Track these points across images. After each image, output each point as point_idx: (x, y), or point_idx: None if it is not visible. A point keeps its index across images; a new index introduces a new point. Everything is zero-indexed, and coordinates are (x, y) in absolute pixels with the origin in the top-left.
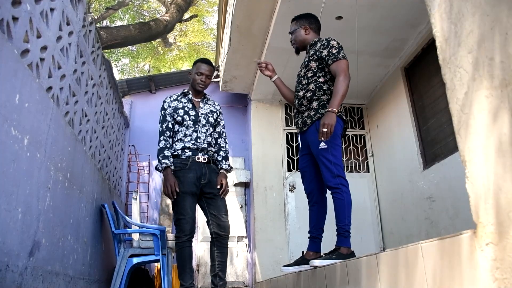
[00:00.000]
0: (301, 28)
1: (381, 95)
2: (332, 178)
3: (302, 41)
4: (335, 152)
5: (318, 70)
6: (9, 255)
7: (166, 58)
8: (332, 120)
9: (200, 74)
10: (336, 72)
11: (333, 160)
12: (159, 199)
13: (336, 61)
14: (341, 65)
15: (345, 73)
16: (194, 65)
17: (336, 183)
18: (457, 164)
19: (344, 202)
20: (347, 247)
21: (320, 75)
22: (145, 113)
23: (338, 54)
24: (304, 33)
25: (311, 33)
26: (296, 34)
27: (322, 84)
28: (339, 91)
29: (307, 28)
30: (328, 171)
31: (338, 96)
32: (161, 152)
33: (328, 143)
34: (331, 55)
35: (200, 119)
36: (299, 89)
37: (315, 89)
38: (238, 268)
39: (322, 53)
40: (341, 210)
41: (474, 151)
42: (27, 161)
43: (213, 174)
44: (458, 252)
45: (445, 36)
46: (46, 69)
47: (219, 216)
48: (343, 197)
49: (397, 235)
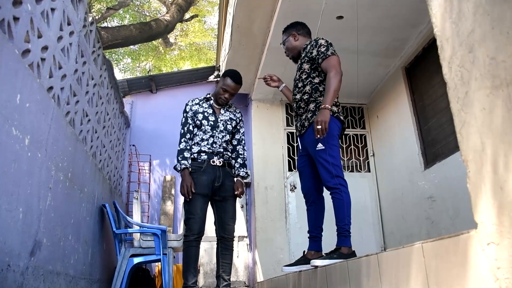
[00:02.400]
0: (290, 37)
1: (381, 95)
2: (331, 179)
3: (293, 48)
4: (333, 152)
5: (311, 71)
6: (10, 255)
7: (167, 58)
8: (324, 117)
9: (225, 90)
10: (327, 69)
11: (331, 160)
12: (160, 199)
13: (325, 58)
14: (331, 61)
15: (336, 69)
16: (224, 77)
17: (335, 183)
18: (458, 163)
19: (343, 202)
20: (348, 247)
21: (315, 76)
22: (146, 113)
23: (327, 52)
24: (293, 40)
25: (300, 39)
26: (287, 44)
27: (318, 85)
28: (330, 87)
29: (295, 35)
30: (326, 171)
31: (330, 92)
32: (180, 153)
33: (325, 144)
34: (320, 53)
35: (218, 125)
36: (296, 92)
37: (312, 91)
38: (239, 268)
39: (312, 53)
40: (340, 210)
41: (475, 151)
42: (28, 161)
43: (227, 178)
44: (459, 252)
45: (446, 36)
46: (47, 69)
47: (226, 219)
48: (342, 197)
49: (397, 234)
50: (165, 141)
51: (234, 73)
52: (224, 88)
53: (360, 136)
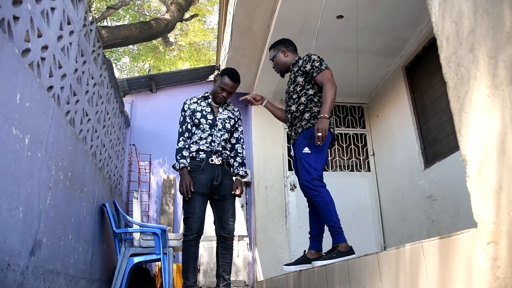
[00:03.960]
0: (280, 53)
1: (382, 94)
2: (311, 181)
3: (283, 64)
4: (317, 158)
5: (305, 83)
6: (10, 254)
7: (166, 58)
8: (324, 125)
9: (222, 89)
10: (322, 82)
11: (314, 164)
12: (160, 198)
13: (320, 72)
14: (326, 75)
15: (331, 82)
16: (221, 76)
17: (314, 185)
18: (458, 163)
19: (326, 202)
20: (344, 242)
21: (309, 87)
22: (146, 112)
23: (321, 66)
24: (283, 57)
25: (289, 55)
26: (276, 60)
27: (312, 97)
28: (327, 99)
29: (284, 51)
30: (307, 173)
31: (327, 103)
32: (179, 152)
33: (312, 148)
34: (314, 68)
35: (217, 124)
36: (290, 104)
37: (307, 101)
38: (239, 267)
39: (305, 67)
40: (326, 210)
41: (475, 150)
42: (28, 161)
43: (226, 177)
44: (459, 251)
45: (446, 35)
46: (47, 68)
47: (225, 218)
48: (324, 198)
49: (398, 234)
50: (165, 140)
51: (232, 72)
52: (221, 86)
53: (360, 136)
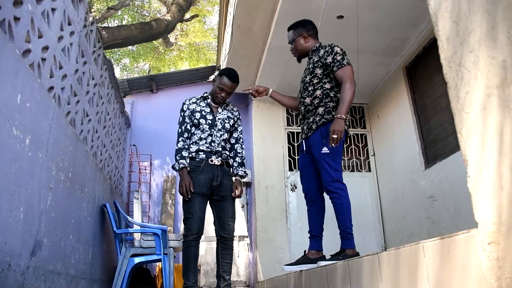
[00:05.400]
0: (300, 38)
1: (382, 94)
2: (331, 182)
3: (303, 50)
4: (336, 158)
5: (323, 76)
6: (11, 255)
7: (166, 58)
8: (341, 127)
9: (221, 89)
10: (342, 79)
11: (334, 165)
12: (161, 198)
13: (341, 67)
14: (347, 72)
15: (351, 80)
16: (220, 76)
17: (334, 187)
18: (458, 163)
19: (343, 207)
20: (352, 249)
21: (326, 81)
22: (147, 113)
23: (342, 61)
24: (304, 42)
25: (310, 40)
26: (295, 44)
27: (329, 91)
28: (346, 98)
29: (306, 36)
30: (328, 175)
31: (345, 103)
32: (178, 153)
33: (331, 148)
34: (336, 61)
35: (216, 124)
36: (305, 96)
37: (322, 96)
38: (239, 268)
39: (326, 59)
40: (341, 214)
41: (476, 150)
42: (28, 161)
43: (226, 177)
44: (460, 252)
45: (446, 35)
46: (47, 69)
47: (225, 219)
48: (342, 202)
49: (398, 234)
50: (166, 140)
51: (231, 72)
52: (220, 87)
53: (361, 136)
